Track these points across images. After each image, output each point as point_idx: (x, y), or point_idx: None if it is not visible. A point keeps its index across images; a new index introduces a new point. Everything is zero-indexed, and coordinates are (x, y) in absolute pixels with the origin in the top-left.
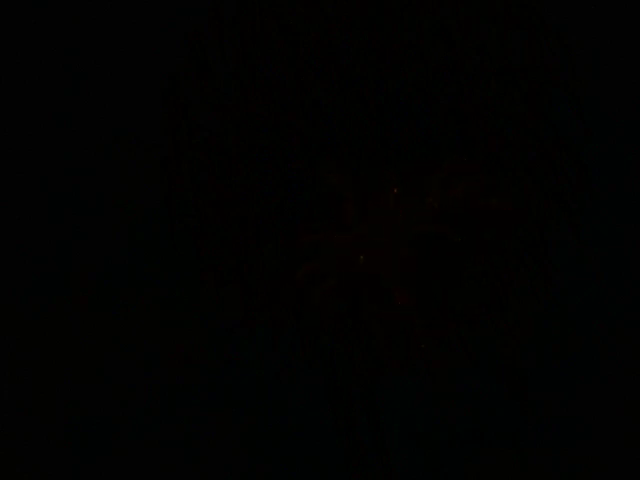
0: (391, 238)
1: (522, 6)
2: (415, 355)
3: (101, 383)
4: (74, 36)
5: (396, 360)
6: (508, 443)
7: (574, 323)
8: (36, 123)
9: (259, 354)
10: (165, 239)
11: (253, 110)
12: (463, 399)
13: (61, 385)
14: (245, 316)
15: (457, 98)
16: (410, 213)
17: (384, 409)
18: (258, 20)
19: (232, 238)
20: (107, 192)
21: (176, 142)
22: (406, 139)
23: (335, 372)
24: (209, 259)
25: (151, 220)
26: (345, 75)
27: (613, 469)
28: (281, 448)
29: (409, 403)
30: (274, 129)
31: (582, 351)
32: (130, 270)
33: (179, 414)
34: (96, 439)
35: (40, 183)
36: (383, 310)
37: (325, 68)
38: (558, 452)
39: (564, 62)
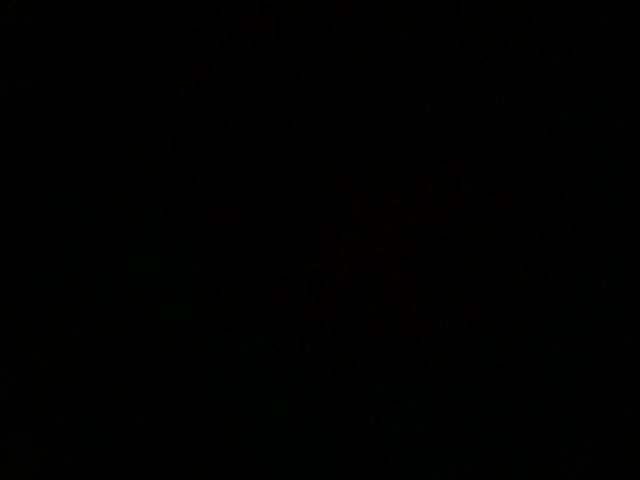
0: (391, 238)
1: (522, 6)
2: (415, 355)
3: (101, 383)
4: (74, 36)
5: (396, 360)
6: (508, 443)
7: (574, 323)
8: (36, 123)
9: (259, 354)
10: (165, 239)
11: (253, 110)
12: (463, 399)
13: (61, 385)
14: (245, 316)
15: (457, 98)
16: (410, 213)
17: (384, 409)
18: (258, 20)
19: (232, 238)
20: (107, 192)
21: (176, 142)
22: (406, 139)
23: (335, 372)
24: (209, 259)
25: (151, 220)
26: (345, 75)
27: (613, 469)
28: (281, 448)
29: (409, 403)
30: (274, 129)
31: (582, 351)
32: (130, 270)
33: (179, 414)
34: (96, 439)
35: (40, 183)
36: (383, 310)
37: (325, 68)
38: (558, 452)
39: (564, 62)
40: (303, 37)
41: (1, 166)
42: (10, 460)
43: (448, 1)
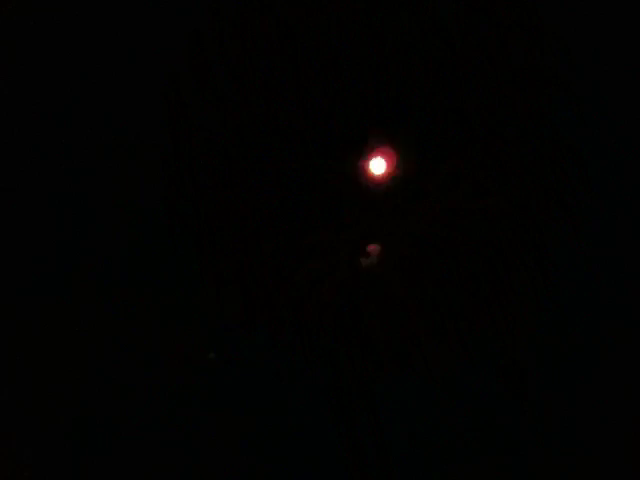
0: (391, 238)
1: (522, 6)
2: (415, 355)
3: (101, 383)
4: (74, 36)
5: (396, 360)
6: (508, 443)
7: (574, 323)
8: (36, 123)
9: (259, 354)
10: (165, 239)
11: (253, 110)
12: (463, 399)
13: (61, 385)
14: (245, 316)
15: (457, 98)
16: (410, 213)
17: (384, 409)
18: (258, 20)
19: (232, 238)
20: (107, 192)
21: (176, 142)
22: (406, 139)
23: (335, 372)
24: (209, 259)
25: (151, 220)
26: (345, 75)
27: (613, 469)
28: (281, 448)
29: (409, 403)
30: (274, 129)
31: (582, 351)
32: (130, 270)
33: (179, 414)
34: (96, 439)
35: (40, 183)
36: (383, 310)
37: (325, 68)
38: (558, 452)
39: (564, 62)
40: (303, 37)
41: (1, 166)
42: (10, 460)
43: (448, 1)
